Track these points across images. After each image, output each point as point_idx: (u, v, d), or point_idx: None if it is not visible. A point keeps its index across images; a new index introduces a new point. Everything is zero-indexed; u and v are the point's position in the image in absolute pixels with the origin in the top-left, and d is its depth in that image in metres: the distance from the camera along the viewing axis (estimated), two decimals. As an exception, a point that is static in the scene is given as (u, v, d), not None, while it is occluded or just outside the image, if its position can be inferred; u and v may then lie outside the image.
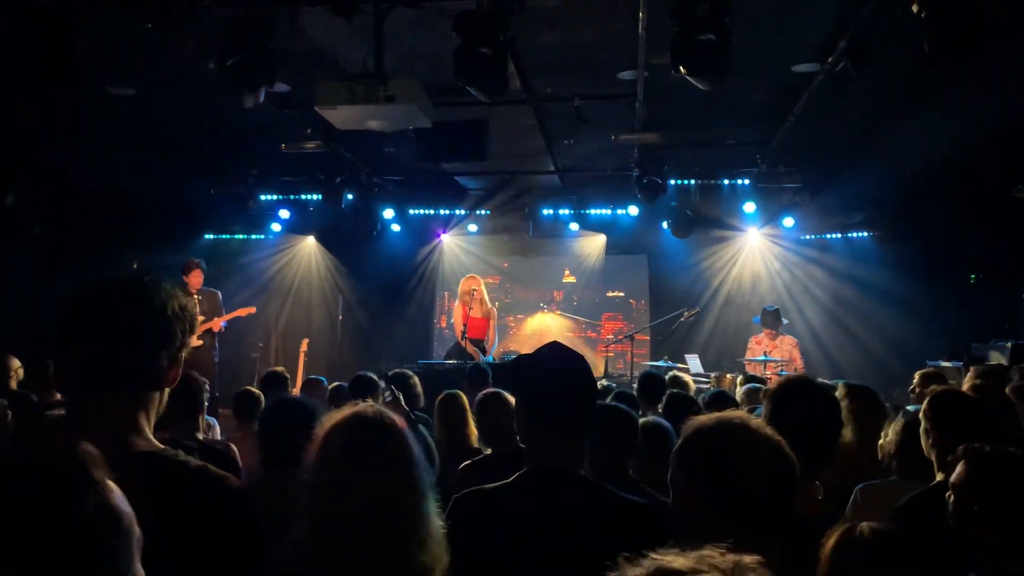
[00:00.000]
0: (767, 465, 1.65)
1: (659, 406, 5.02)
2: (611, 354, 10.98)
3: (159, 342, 1.60)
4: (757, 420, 1.77)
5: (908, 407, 3.72)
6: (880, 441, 3.54)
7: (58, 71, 4.94)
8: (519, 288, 13.07)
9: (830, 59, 6.23)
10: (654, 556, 0.92)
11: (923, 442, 2.93)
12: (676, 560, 0.89)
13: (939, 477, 2.82)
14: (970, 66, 5.25)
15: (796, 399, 2.33)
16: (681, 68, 4.76)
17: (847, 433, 3.81)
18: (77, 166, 9.22)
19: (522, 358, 2.40)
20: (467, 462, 3.93)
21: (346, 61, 6.20)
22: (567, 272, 12.94)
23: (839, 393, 4.07)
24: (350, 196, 10.22)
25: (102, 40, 6.08)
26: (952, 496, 2.33)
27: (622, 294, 12.78)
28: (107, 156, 9.06)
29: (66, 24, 4.89)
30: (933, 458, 2.87)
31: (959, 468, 2.35)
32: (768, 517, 1.58)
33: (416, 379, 5.80)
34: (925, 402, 3.02)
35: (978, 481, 2.24)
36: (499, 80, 4.90)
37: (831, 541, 1.76)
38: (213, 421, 5.71)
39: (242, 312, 9.76)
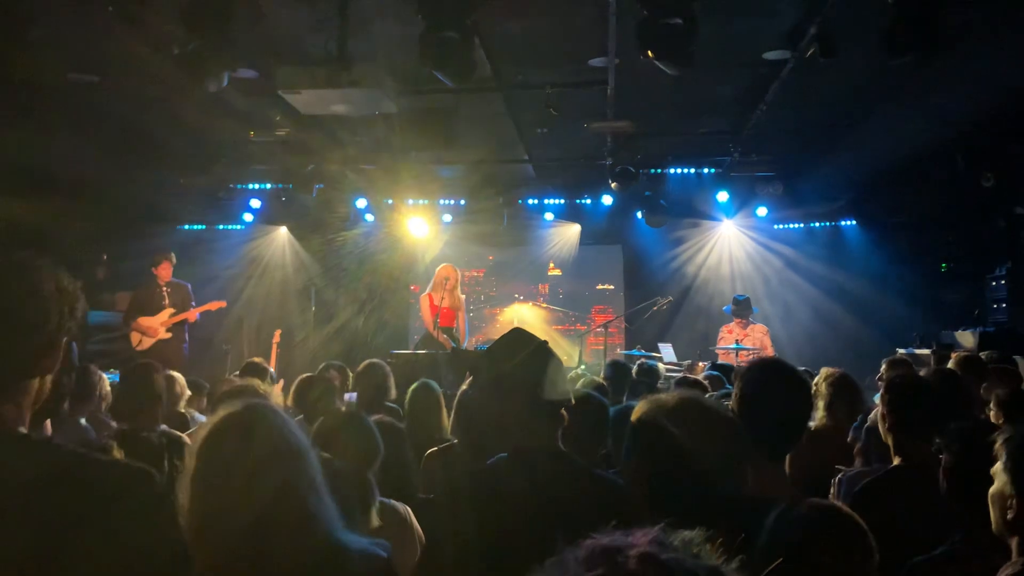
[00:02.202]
0: (715, 444, 1.61)
1: (623, 395, 5.03)
2: (600, 347, 10.90)
3: (29, 327, 1.46)
4: (708, 400, 1.74)
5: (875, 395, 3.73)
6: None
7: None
8: (504, 282, 13.02)
9: (800, 45, 6.22)
10: (596, 536, 0.87)
11: (880, 427, 2.92)
12: (617, 539, 0.83)
13: (896, 461, 2.81)
14: (938, 58, 5.27)
15: (766, 380, 2.29)
16: (648, 52, 4.73)
17: (824, 417, 3.82)
18: (43, 157, 9.05)
19: (491, 345, 2.49)
20: (433, 449, 3.91)
21: (314, 47, 6.12)
22: (552, 265, 12.89)
23: (819, 378, 4.08)
24: (321, 184, 10.10)
25: (63, 27, 5.98)
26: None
27: (612, 287, 12.74)
28: (73, 146, 8.89)
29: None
30: (890, 442, 2.85)
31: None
32: (711, 495, 1.55)
33: (387, 369, 5.77)
34: (882, 387, 3.01)
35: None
36: (465, 65, 4.84)
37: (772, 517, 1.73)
38: (201, 418, 5.57)
39: (212, 306, 9.61)
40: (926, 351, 8.08)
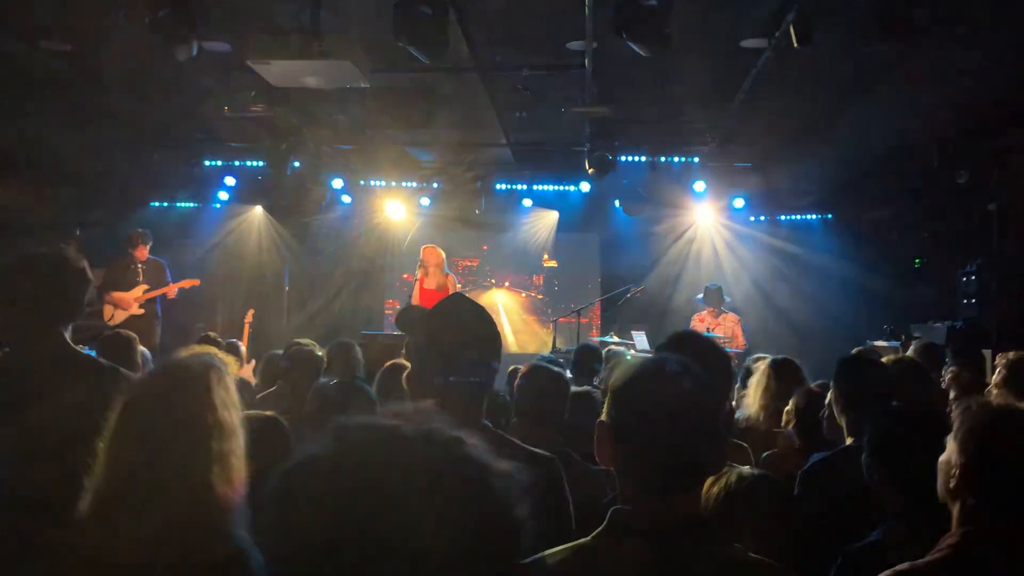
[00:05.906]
0: (683, 414, 1.55)
1: (595, 379, 5.03)
2: (594, 339, 10.85)
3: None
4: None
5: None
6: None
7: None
8: (498, 271, 12.97)
9: (777, 34, 6.21)
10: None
11: (833, 409, 2.91)
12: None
13: (848, 441, 2.81)
14: (914, 52, 5.28)
15: (678, 349, 2.25)
16: (623, 33, 4.71)
17: (765, 404, 3.80)
18: (12, 130, 8.89)
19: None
20: None
21: (286, 18, 6.04)
22: (546, 256, 12.82)
23: (761, 367, 4.05)
24: (296, 164, 10.00)
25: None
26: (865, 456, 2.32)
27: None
28: (45, 119, 8.74)
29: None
30: (843, 424, 2.85)
31: (870, 429, 2.34)
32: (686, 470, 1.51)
33: (357, 349, 5.73)
34: (835, 369, 3.00)
35: (882, 440, 2.24)
36: (439, 41, 4.79)
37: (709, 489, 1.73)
38: None
39: (185, 284, 9.53)
40: (895, 343, 8.15)
